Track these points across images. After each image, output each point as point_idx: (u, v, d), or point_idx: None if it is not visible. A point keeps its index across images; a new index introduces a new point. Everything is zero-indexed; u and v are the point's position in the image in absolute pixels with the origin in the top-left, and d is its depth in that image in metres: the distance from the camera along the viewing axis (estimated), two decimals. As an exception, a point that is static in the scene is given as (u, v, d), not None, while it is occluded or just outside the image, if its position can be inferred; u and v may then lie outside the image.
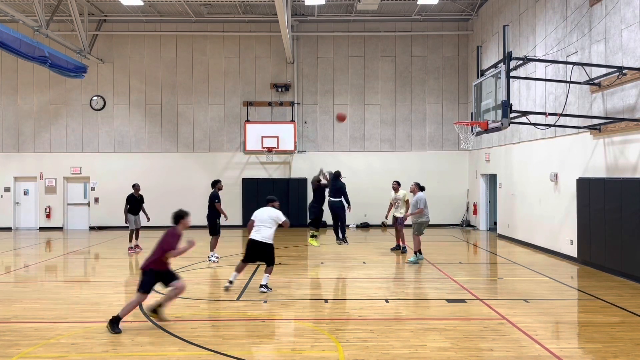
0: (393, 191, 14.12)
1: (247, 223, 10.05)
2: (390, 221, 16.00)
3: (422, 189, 12.94)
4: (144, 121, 21.61)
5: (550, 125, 12.07)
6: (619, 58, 11.01)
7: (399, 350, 6.41)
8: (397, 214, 13.89)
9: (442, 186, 21.37)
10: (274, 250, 9.72)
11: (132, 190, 14.98)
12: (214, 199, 13.17)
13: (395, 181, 14.35)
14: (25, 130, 21.54)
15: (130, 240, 14.88)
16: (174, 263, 12.69)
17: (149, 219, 15.54)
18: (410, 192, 13.07)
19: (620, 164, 11.06)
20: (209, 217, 13.30)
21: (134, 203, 14.84)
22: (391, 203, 14.20)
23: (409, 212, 12.96)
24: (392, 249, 14.42)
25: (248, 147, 21.01)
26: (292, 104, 21.53)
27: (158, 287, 7.75)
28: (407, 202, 13.72)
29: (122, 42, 21.59)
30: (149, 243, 16.65)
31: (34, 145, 21.53)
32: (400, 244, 14.20)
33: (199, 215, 21.13)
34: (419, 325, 7.45)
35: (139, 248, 14.70)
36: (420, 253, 12.64)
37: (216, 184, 13.18)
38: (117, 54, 21.59)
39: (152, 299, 7.81)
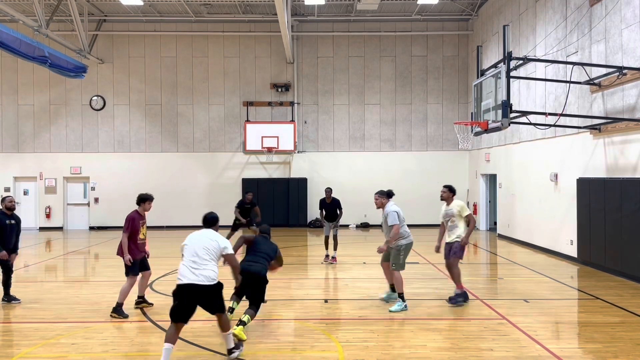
0: (444, 202, 9.04)
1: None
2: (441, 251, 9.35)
3: (389, 195, 8.93)
4: (144, 121, 21.61)
5: (550, 125, 12.07)
6: (619, 58, 11.01)
7: (399, 350, 6.41)
8: (450, 239, 8.88)
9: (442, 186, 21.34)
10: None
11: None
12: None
13: (445, 186, 9.12)
14: (25, 130, 21.54)
15: (326, 249, 13.09)
16: (176, 264, 12.71)
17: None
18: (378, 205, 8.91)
19: (620, 164, 11.06)
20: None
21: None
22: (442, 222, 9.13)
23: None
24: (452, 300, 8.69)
25: (248, 147, 21.00)
26: (292, 104, 21.53)
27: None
28: (467, 218, 8.74)
29: (122, 42, 21.59)
30: (150, 242, 16.65)
31: (34, 145, 21.53)
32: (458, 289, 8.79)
33: (199, 215, 21.24)
34: (419, 325, 7.45)
35: (327, 259, 12.98)
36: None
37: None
38: (117, 54, 21.58)
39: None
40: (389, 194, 8.80)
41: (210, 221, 6.51)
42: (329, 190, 13.12)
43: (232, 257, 6.21)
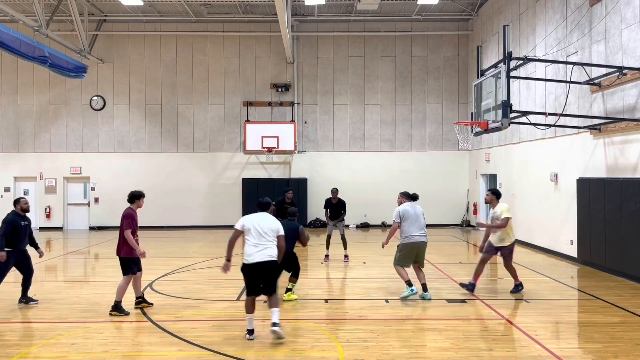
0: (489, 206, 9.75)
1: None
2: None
3: (410, 197, 9.38)
4: (144, 121, 21.61)
5: (550, 125, 12.07)
6: (619, 58, 11.01)
7: (399, 350, 6.40)
8: (497, 241, 9.37)
9: (442, 186, 21.37)
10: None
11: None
12: None
13: (489, 189, 9.85)
14: (25, 130, 21.53)
15: (327, 248, 13.25)
16: (176, 264, 12.72)
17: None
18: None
19: (620, 164, 11.06)
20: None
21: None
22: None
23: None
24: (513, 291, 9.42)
25: (248, 147, 21.00)
26: (292, 104, 21.53)
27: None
28: (504, 220, 9.21)
29: (122, 42, 21.59)
30: (147, 242, 16.67)
31: (34, 145, 21.52)
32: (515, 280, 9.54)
33: (199, 215, 21.28)
34: (419, 325, 7.45)
35: (328, 259, 13.05)
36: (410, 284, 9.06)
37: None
38: (117, 54, 21.58)
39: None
40: (410, 196, 9.38)
41: (265, 205, 7.29)
42: (335, 191, 13.21)
43: (282, 239, 7.07)
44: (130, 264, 8.15)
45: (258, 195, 21.90)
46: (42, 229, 21.30)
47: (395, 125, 21.71)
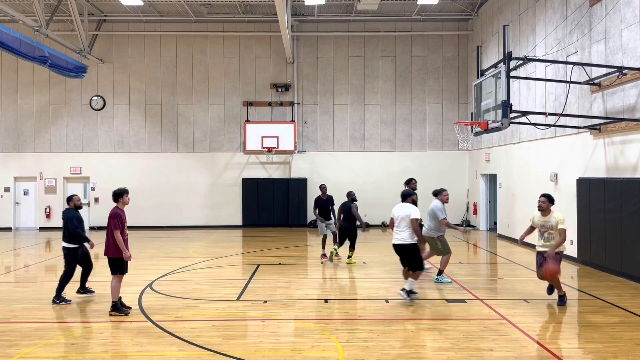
0: (540, 212, 8.72)
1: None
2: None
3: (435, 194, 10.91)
4: (144, 121, 21.61)
5: (550, 125, 12.07)
6: (619, 58, 11.01)
7: (399, 350, 6.41)
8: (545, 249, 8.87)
9: (442, 186, 21.31)
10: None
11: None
12: None
13: (544, 195, 8.70)
14: (25, 130, 21.53)
15: (323, 247, 13.11)
16: (175, 264, 12.72)
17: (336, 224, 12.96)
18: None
19: (620, 164, 11.06)
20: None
21: (321, 206, 13.03)
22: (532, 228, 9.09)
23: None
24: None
25: (248, 147, 21.01)
26: (292, 104, 21.52)
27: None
28: (561, 231, 8.58)
29: (122, 42, 21.59)
30: (147, 242, 16.68)
31: (33, 145, 21.52)
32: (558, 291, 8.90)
33: (199, 215, 21.29)
34: (419, 325, 7.45)
35: (324, 257, 12.92)
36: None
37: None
38: (117, 54, 21.58)
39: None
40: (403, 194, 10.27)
41: (404, 196, 8.92)
42: (324, 187, 13.32)
43: (414, 222, 8.48)
44: (120, 263, 8.18)
45: (258, 195, 22.03)
46: (42, 229, 21.30)
47: (395, 125, 21.71)
